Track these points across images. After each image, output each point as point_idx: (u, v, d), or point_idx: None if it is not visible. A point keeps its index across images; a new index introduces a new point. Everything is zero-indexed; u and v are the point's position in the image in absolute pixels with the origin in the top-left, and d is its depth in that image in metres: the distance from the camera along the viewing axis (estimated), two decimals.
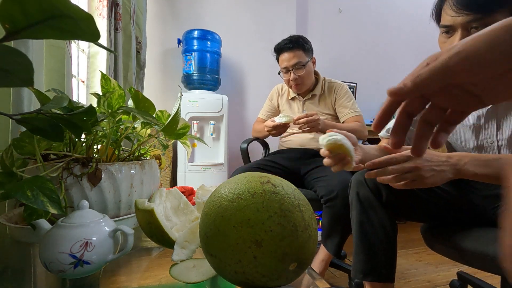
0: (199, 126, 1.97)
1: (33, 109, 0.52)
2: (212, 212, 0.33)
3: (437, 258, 1.74)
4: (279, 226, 0.30)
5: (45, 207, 0.39)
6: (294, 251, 0.30)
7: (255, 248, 0.29)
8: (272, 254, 0.29)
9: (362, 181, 0.87)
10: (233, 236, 0.30)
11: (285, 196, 0.32)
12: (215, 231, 0.32)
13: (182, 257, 0.42)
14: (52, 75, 0.82)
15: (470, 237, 0.78)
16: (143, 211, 0.45)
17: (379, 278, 0.83)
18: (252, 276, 0.30)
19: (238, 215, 0.31)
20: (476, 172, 0.65)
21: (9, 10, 0.25)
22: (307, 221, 0.32)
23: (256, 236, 0.30)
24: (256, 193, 0.32)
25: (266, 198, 0.31)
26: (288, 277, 0.31)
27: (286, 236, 0.30)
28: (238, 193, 0.32)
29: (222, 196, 0.33)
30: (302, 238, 0.31)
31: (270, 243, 0.29)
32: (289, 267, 0.31)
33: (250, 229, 0.30)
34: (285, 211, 0.31)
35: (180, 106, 0.56)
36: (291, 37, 1.49)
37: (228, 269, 0.31)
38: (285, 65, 1.47)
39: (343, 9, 2.69)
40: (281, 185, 0.34)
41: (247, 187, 0.33)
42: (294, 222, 0.31)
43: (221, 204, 0.32)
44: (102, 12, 1.20)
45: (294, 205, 0.32)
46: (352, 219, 0.90)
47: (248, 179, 0.34)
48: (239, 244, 0.30)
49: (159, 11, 2.13)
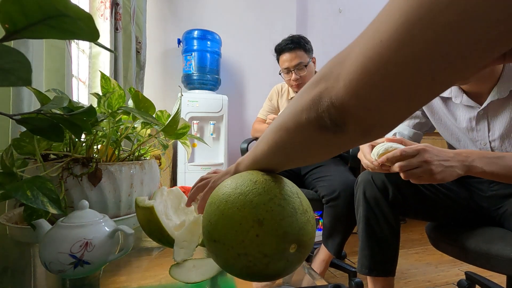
0: (199, 126, 1.97)
1: (33, 109, 0.52)
2: (215, 200, 0.35)
3: (437, 258, 1.74)
4: (279, 207, 0.32)
5: (45, 207, 0.39)
6: (295, 231, 0.32)
7: (257, 227, 0.31)
8: (274, 233, 0.31)
9: (369, 180, 0.89)
10: (236, 217, 0.32)
11: (285, 184, 0.36)
12: (219, 216, 0.33)
13: (183, 257, 0.42)
14: (52, 75, 0.82)
15: (475, 236, 0.78)
16: (143, 208, 0.45)
17: (383, 273, 0.86)
18: (254, 258, 0.31)
19: (241, 199, 0.33)
20: (484, 169, 0.66)
21: (9, 10, 0.25)
22: (305, 207, 0.35)
23: (258, 215, 0.31)
24: (257, 181, 0.35)
25: (267, 184, 0.34)
26: (289, 259, 0.32)
27: (286, 216, 0.32)
28: (241, 182, 0.35)
29: (225, 186, 0.36)
30: (301, 220, 0.33)
31: (271, 222, 0.31)
32: (289, 248, 0.32)
33: (252, 209, 0.32)
34: (285, 195, 0.34)
35: (180, 106, 0.56)
36: (292, 37, 1.48)
37: (231, 252, 0.32)
38: (287, 66, 1.47)
39: (343, 9, 2.69)
40: (281, 178, 0.37)
41: (249, 177, 0.36)
42: (293, 205, 0.34)
43: (224, 193, 0.35)
44: (104, 13, 1.20)
45: (293, 192, 0.35)
46: (358, 216, 0.91)
47: (250, 172, 0.37)
48: (242, 224, 0.32)
49: (159, 11, 2.13)
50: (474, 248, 0.75)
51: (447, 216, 0.89)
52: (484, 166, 0.66)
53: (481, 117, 0.79)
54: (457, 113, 0.84)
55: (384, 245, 0.86)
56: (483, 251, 0.73)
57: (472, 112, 0.79)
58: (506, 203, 0.82)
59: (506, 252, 0.69)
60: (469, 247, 0.77)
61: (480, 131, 0.81)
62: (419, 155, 0.66)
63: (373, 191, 0.87)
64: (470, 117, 0.81)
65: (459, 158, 0.67)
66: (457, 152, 0.68)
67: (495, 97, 0.73)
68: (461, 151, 0.69)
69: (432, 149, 0.67)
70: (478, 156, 0.67)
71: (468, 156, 0.67)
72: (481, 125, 0.80)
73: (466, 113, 0.81)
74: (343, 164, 1.41)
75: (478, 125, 0.80)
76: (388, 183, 0.85)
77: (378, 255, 0.87)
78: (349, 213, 1.12)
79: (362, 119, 0.25)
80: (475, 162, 0.66)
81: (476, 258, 0.76)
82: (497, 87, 0.72)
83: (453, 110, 0.84)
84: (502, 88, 0.72)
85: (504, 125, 0.75)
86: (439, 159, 0.66)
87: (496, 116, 0.76)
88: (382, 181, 0.86)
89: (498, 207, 0.84)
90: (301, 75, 1.47)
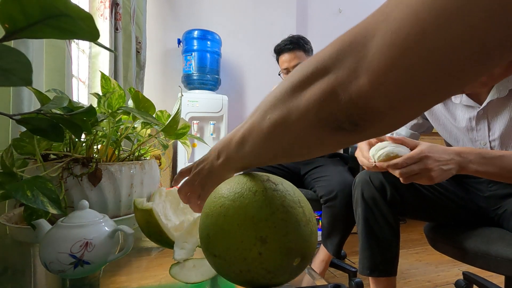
0: (199, 126, 1.97)
1: (33, 109, 0.52)
2: (213, 212, 0.33)
3: (437, 258, 1.74)
4: (282, 222, 0.30)
5: (45, 207, 0.39)
6: (298, 245, 0.31)
7: (260, 244, 0.29)
8: (278, 250, 0.30)
9: (367, 180, 0.88)
10: (237, 234, 0.30)
11: (286, 193, 0.33)
12: (218, 231, 0.31)
13: (183, 257, 0.42)
14: (52, 75, 0.82)
15: (473, 236, 0.78)
16: (141, 210, 0.45)
17: (385, 273, 0.86)
18: (257, 274, 0.30)
19: (241, 213, 0.31)
20: (478, 169, 0.67)
21: (8, 10, 0.25)
22: (308, 216, 0.33)
23: (260, 232, 0.30)
24: (257, 191, 0.32)
25: (267, 196, 0.32)
26: (292, 272, 0.32)
27: (290, 231, 0.30)
28: (240, 192, 0.32)
29: (223, 196, 0.33)
30: (305, 232, 0.31)
31: (274, 238, 0.30)
32: (293, 262, 0.31)
33: (254, 226, 0.30)
34: (287, 207, 0.31)
35: (181, 106, 0.56)
36: (291, 38, 1.48)
37: (232, 268, 0.31)
38: (286, 66, 1.47)
39: (343, 9, 2.69)
40: (280, 183, 0.34)
41: (247, 185, 0.33)
42: (296, 217, 0.31)
43: (223, 204, 0.32)
44: (103, 13, 1.20)
45: (295, 201, 0.33)
46: (357, 217, 0.91)
47: (248, 178, 0.35)
48: (244, 242, 0.30)
49: (159, 11, 2.13)
50: (473, 249, 0.75)
51: (446, 216, 0.89)
52: (478, 167, 0.66)
53: (481, 117, 0.79)
54: (456, 113, 0.84)
55: (384, 245, 0.86)
56: (482, 252, 0.73)
57: (472, 112, 0.79)
58: (504, 203, 0.82)
59: (506, 252, 0.69)
60: (468, 247, 0.77)
61: (480, 130, 0.81)
62: (421, 162, 0.66)
63: (371, 191, 0.87)
64: (470, 116, 0.80)
65: (458, 159, 0.67)
66: (457, 152, 0.68)
67: (495, 96, 0.73)
68: (461, 150, 0.69)
69: (433, 153, 0.66)
70: (476, 157, 0.67)
71: (466, 157, 0.67)
72: (481, 124, 0.80)
73: (465, 113, 0.81)
74: (342, 164, 1.41)
75: (478, 125, 0.80)
76: (386, 183, 0.85)
77: (378, 256, 0.87)
78: (347, 213, 1.12)
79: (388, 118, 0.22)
80: (471, 163, 0.67)
81: (475, 259, 0.76)
82: (496, 86, 0.72)
83: (452, 110, 0.84)
84: (502, 87, 0.72)
85: (504, 125, 0.75)
86: (440, 164, 0.66)
87: (496, 116, 0.76)
88: (380, 181, 0.86)
89: (496, 207, 0.84)
90: None
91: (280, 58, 1.50)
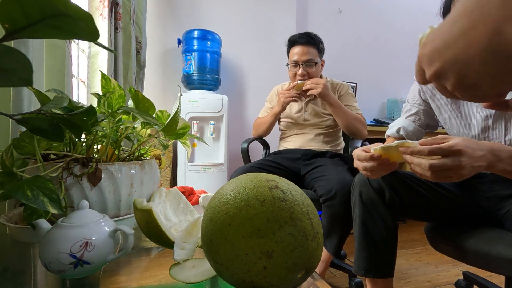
0: (199, 126, 1.97)
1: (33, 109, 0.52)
2: (218, 219, 0.32)
3: (437, 258, 1.74)
4: (289, 237, 0.29)
5: (45, 207, 0.39)
6: (304, 260, 0.30)
7: (265, 259, 0.29)
8: (283, 265, 0.29)
9: (365, 181, 0.88)
10: (242, 246, 0.29)
11: (295, 203, 0.32)
12: (222, 239, 0.31)
13: (183, 257, 0.42)
14: (52, 75, 0.82)
15: (474, 237, 0.78)
16: (141, 210, 0.45)
17: (381, 274, 0.86)
18: (260, 285, 0.30)
19: (247, 225, 0.30)
20: (506, 168, 0.62)
21: (8, 10, 0.25)
22: (315, 228, 0.32)
23: (266, 247, 0.29)
24: (265, 200, 0.31)
25: (276, 207, 0.30)
26: (295, 284, 0.31)
27: (297, 247, 0.30)
28: (246, 199, 0.31)
29: (228, 202, 0.32)
30: (311, 247, 0.31)
31: (281, 254, 0.29)
32: (297, 275, 0.30)
33: (260, 239, 0.29)
34: (295, 220, 0.30)
35: (180, 106, 0.56)
36: (308, 33, 1.47)
37: (235, 277, 0.30)
38: (296, 59, 1.45)
39: (343, 9, 2.69)
40: (289, 191, 0.33)
41: (254, 192, 0.32)
42: (304, 231, 0.30)
43: (227, 211, 0.31)
44: (103, 12, 1.20)
45: (304, 212, 0.32)
46: (354, 217, 0.91)
47: (255, 183, 0.33)
48: (249, 254, 0.29)
49: (159, 11, 2.13)
50: (474, 249, 0.75)
51: (445, 216, 0.89)
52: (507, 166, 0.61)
53: (499, 116, 0.78)
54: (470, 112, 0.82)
55: (381, 247, 0.86)
56: (483, 252, 0.73)
57: (489, 110, 0.78)
58: (507, 204, 0.81)
59: (507, 253, 0.69)
60: (468, 248, 0.76)
61: (497, 129, 0.80)
62: (455, 157, 0.58)
63: (369, 192, 0.87)
64: (486, 115, 0.79)
65: (489, 156, 0.61)
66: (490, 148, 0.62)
67: None
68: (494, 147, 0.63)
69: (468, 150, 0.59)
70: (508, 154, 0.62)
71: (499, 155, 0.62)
72: (498, 123, 0.79)
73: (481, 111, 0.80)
74: (342, 165, 1.41)
75: (495, 123, 0.79)
76: (384, 184, 0.85)
77: (374, 257, 0.86)
78: (346, 213, 1.12)
79: None
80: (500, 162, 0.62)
81: (475, 259, 0.75)
82: None
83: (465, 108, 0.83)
84: None
85: None
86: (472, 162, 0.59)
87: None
88: (378, 183, 0.86)
89: (499, 207, 0.84)
90: (308, 71, 1.45)
91: (292, 50, 1.48)
